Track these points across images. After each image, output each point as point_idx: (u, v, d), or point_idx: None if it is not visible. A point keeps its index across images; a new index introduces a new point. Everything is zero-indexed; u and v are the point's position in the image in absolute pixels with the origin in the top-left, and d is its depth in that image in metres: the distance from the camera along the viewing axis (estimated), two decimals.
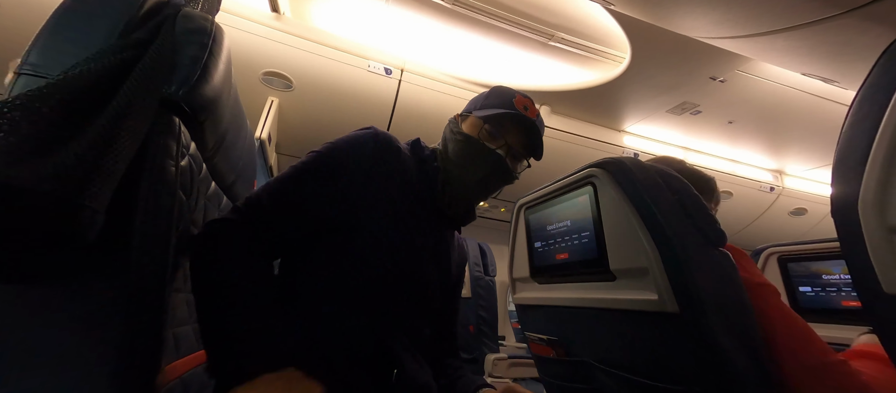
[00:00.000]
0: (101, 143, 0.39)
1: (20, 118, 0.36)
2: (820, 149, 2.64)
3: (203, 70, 0.51)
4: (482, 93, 0.83)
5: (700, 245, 0.58)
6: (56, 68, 0.44)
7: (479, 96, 0.83)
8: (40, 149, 0.36)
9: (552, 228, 0.84)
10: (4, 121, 0.35)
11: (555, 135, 2.44)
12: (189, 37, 0.52)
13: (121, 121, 0.41)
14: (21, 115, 0.36)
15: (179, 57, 0.50)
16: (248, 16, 1.82)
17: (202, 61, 0.52)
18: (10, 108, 0.36)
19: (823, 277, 1.21)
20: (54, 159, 0.36)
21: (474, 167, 0.75)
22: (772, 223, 3.18)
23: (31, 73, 0.45)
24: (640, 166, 0.64)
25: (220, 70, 0.56)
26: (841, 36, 1.25)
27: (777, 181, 3.01)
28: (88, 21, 0.48)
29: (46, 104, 0.38)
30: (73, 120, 0.39)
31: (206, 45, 0.53)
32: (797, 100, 2.12)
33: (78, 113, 0.40)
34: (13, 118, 0.35)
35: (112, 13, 0.49)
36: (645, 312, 0.61)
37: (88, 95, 0.41)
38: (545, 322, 0.91)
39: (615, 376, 0.72)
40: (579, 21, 1.87)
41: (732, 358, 0.54)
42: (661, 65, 1.91)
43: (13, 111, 0.35)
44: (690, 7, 1.29)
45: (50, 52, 0.46)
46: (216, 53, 0.55)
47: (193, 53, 0.51)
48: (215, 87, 0.55)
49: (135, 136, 0.43)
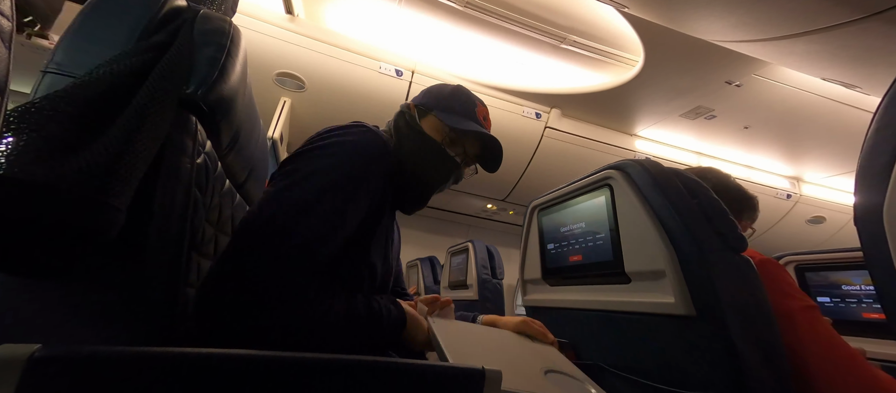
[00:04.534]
0: (123, 142, 0.40)
1: (46, 118, 0.37)
2: (840, 155, 2.57)
3: (221, 70, 0.53)
4: (440, 88, 0.82)
5: (719, 249, 0.57)
6: (81, 68, 0.46)
7: (437, 92, 0.80)
8: (65, 148, 0.37)
9: (566, 229, 0.83)
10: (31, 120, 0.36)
11: (565, 138, 2.43)
12: (207, 37, 0.53)
13: (141, 121, 0.42)
14: (47, 115, 0.37)
15: (198, 57, 0.51)
16: (263, 17, 1.85)
17: (220, 62, 0.53)
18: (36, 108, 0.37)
19: (843, 287, 1.18)
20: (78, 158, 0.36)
21: (432, 170, 0.75)
22: (788, 231, 3.11)
23: (57, 71, 0.47)
24: (657, 168, 0.63)
25: (237, 70, 0.57)
26: (863, 40, 1.22)
27: (794, 188, 2.94)
28: (110, 22, 0.50)
29: (71, 105, 0.39)
30: (96, 120, 0.40)
31: (224, 46, 0.54)
32: (816, 105, 2.07)
33: (101, 113, 0.41)
34: (39, 118, 0.36)
35: (133, 15, 0.50)
36: (660, 314, 0.60)
37: (111, 96, 0.42)
38: (556, 324, 0.90)
39: (627, 380, 0.71)
40: (592, 23, 1.85)
41: (749, 364, 0.52)
42: (674, 68, 1.89)
43: (40, 111, 0.36)
44: (707, 10, 1.27)
45: (74, 52, 0.48)
46: (233, 54, 0.56)
47: (211, 54, 0.53)
48: (232, 86, 0.56)
49: (155, 136, 0.44)
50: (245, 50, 0.62)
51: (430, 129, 0.76)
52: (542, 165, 2.53)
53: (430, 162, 0.74)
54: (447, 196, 3.00)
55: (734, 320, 0.53)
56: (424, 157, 0.74)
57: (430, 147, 0.74)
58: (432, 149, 0.74)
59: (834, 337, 0.58)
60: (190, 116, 0.51)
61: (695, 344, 0.57)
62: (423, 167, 0.74)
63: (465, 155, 0.79)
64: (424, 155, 0.74)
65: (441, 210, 3.38)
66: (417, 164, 0.74)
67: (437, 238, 3.49)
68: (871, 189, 0.41)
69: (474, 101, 0.80)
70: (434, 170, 0.75)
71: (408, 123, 0.77)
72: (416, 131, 0.75)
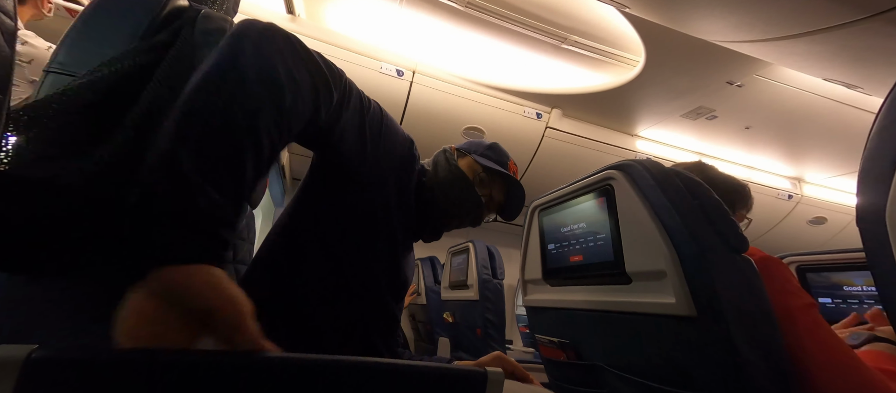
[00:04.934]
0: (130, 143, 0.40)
1: (48, 118, 0.37)
2: (841, 156, 2.57)
3: None
4: (481, 141, 0.91)
5: (720, 250, 0.56)
6: (83, 67, 0.46)
7: (478, 143, 0.90)
8: (66, 147, 0.37)
9: (567, 229, 0.83)
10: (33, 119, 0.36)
11: (566, 138, 2.43)
12: (208, 37, 0.53)
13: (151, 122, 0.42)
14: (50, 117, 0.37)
15: (199, 56, 0.51)
16: (265, 17, 1.85)
17: None
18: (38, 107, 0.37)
19: (845, 288, 1.18)
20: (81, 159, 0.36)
21: (458, 201, 0.80)
22: (789, 232, 3.10)
23: (59, 71, 0.47)
24: (658, 169, 0.63)
25: None
26: (865, 40, 1.21)
27: (795, 189, 2.94)
28: (112, 22, 0.50)
29: (73, 105, 0.39)
30: (99, 120, 0.40)
31: None
32: (818, 105, 2.07)
33: (104, 113, 0.41)
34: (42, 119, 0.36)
35: (135, 14, 0.51)
36: (661, 315, 0.60)
37: (114, 96, 0.42)
38: (557, 325, 0.90)
39: (628, 381, 0.71)
40: (593, 24, 1.85)
41: (751, 364, 0.52)
42: (675, 68, 1.88)
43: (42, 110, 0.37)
44: (708, 10, 1.27)
45: (77, 51, 0.48)
46: None
47: None
48: None
49: None
50: None
51: (466, 167, 0.83)
52: (543, 166, 2.53)
53: (457, 194, 0.80)
54: None
55: (735, 321, 0.53)
56: (454, 188, 0.80)
57: (462, 181, 0.80)
58: (463, 183, 0.80)
59: (834, 337, 0.58)
60: None
61: (696, 344, 0.57)
62: (449, 198, 0.79)
63: (490, 199, 0.85)
64: (454, 187, 0.80)
65: None
66: (445, 195, 0.79)
67: None
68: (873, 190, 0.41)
69: (508, 156, 0.89)
70: (459, 203, 0.80)
71: (446, 159, 0.84)
72: (452, 166, 0.82)
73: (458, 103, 2.21)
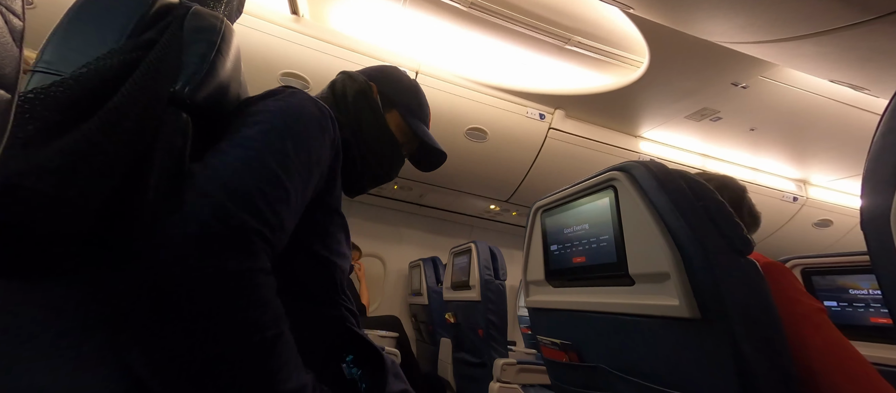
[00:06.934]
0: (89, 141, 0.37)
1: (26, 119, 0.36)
2: (847, 158, 2.54)
3: (210, 67, 0.51)
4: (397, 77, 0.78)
5: (724, 252, 0.56)
6: (69, 66, 0.44)
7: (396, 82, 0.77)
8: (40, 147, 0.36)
9: (569, 231, 0.83)
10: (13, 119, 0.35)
11: (569, 139, 2.42)
12: (198, 35, 0.51)
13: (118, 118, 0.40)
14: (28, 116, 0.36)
15: (187, 54, 0.50)
16: (268, 18, 1.86)
17: (209, 59, 0.51)
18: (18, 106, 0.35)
19: (851, 291, 1.17)
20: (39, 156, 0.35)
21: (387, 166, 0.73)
22: (795, 234, 3.08)
23: (45, 70, 0.45)
24: (662, 170, 0.63)
25: (228, 67, 0.55)
26: (873, 42, 1.20)
27: (801, 191, 2.91)
28: (99, 20, 0.48)
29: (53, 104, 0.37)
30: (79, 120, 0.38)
31: (215, 43, 0.52)
32: (824, 107, 2.05)
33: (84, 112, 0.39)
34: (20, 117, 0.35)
35: (123, 12, 0.49)
36: (664, 317, 0.60)
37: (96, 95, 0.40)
38: (559, 326, 0.90)
39: (630, 383, 0.70)
40: (596, 24, 1.85)
41: (754, 367, 0.52)
42: (680, 69, 1.87)
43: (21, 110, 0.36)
44: (713, 11, 1.26)
45: (63, 50, 0.46)
46: (224, 51, 0.54)
47: (202, 51, 0.51)
48: (222, 84, 0.54)
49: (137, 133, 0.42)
50: (238, 48, 0.61)
51: (394, 126, 0.74)
52: (546, 167, 2.52)
53: (387, 158, 0.72)
54: (450, 196, 3.00)
55: (739, 323, 0.53)
56: (383, 151, 0.71)
57: (392, 145, 0.72)
58: (394, 148, 0.73)
59: (841, 341, 0.57)
60: (181, 114, 0.50)
61: (699, 347, 0.57)
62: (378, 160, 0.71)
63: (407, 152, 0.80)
64: (383, 149, 0.71)
65: (443, 211, 3.37)
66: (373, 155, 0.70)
67: (439, 239, 3.49)
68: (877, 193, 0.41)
69: (428, 105, 0.81)
70: (389, 167, 0.73)
71: (372, 109, 0.71)
72: (380, 123, 0.71)
73: (461, 104, 2.21)
